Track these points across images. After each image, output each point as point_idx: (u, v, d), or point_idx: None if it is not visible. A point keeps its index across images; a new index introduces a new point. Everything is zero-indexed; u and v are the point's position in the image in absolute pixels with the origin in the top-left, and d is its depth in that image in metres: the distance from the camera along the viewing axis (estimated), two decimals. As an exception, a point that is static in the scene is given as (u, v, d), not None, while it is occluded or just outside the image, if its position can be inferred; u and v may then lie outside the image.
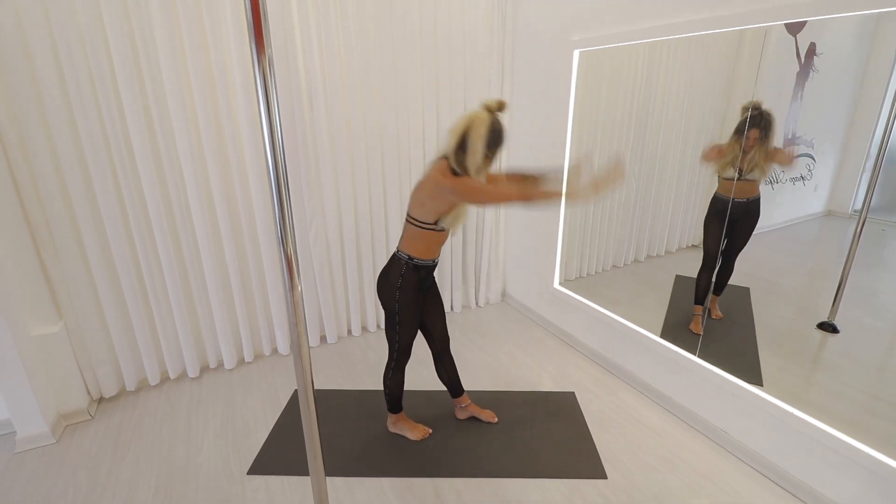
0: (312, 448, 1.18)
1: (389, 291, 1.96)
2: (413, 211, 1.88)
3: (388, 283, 1.96)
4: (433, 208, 1.82)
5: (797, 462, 1.93)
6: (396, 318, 1.99)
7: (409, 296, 1.96)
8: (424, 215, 1.84)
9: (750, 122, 1.94)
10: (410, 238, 1.91)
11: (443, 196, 1.79)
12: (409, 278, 1.93)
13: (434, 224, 1.85)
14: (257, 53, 0.85)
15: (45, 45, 2.02)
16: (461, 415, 2.36)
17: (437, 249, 1.95)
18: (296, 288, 1.02)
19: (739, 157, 2.01)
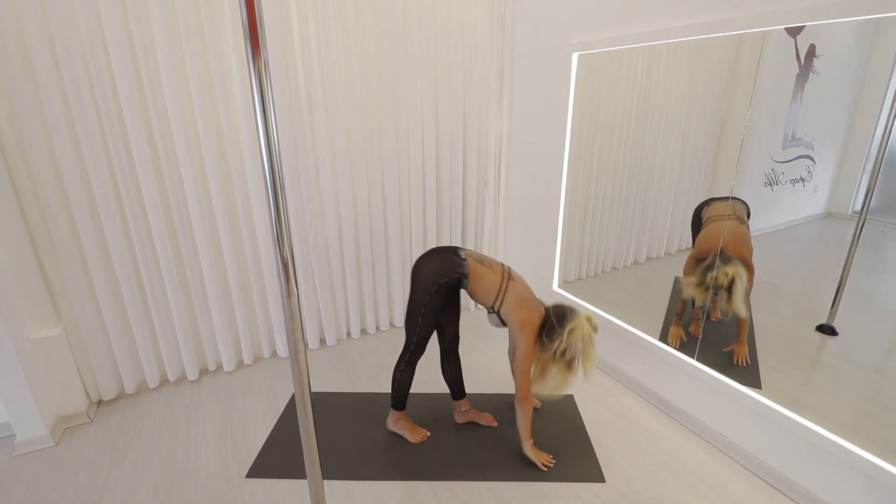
0: (310, 453, 1.18)
1: (425, 286, 1.98)
2: (509, 297, 2.00)
3: (427, 280, 1.98)
4: (512, 319, 1.98)
5: (795, 466, 1.93)
6: (421, 312, 2.02)
7: (440, 298, 2.01)
8: (506, 311, 2.00)
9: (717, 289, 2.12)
10: (486, 279, 2.01)
11: (513, 328, 2.00)
12: (449, 286, 1.99)
13: (492, 308, 2.03)
14: (253, 57, 0.85)
15: (44, 49, 2.03)
16: (460, 419, 2.36)
17: (482, 297, 2.05)
18: (292, 293, 1.01)
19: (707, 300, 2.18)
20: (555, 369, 1.99)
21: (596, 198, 2.81)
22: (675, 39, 2.14)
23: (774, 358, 2.03)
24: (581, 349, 1.92)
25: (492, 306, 2.02)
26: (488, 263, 2.05)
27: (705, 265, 2.14)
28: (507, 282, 2.02)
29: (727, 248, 2.08)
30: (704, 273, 2.14)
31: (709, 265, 2.13)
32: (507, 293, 2.00)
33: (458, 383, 2.30)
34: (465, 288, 2.03)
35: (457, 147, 3.18)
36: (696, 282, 2.22)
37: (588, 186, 2.82)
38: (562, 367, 1.98)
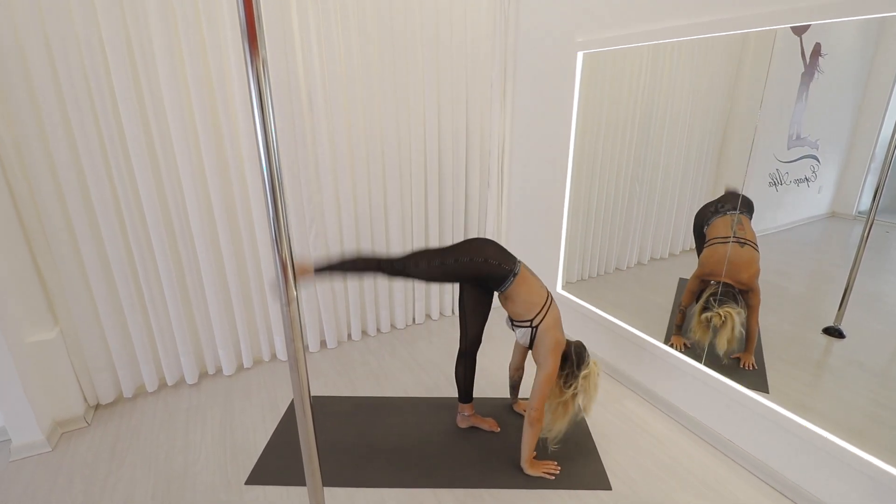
0: (310, 462, 1.15)
1: (464, 258, 1.97)
2: (551, 315, 2.00)
3: (482, 252, 1.98)
4: (548, 337, 1.96)
5: (803, 472, 1.90)
6: (468, 305, 2.10)
7: (465, 298, 2.10)
8: (544, 329, 1.98)
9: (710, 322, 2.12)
10: (533, 289, 2.01)
11: (545, 347, 1.96)
12: (489, 272, 1.98)
13: (531, 322, 2.00)
14: (251, 56, 0.82)
15: (41, 51, 2.00)
16: (462, 423, 2.33)
17: (521, 312, 2.03)
18: (292, 301, 0.98)
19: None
20: (569, 416, 2.01)
21: (599, 198, 2.79)
22: (679, 38, 2.12)
23: (781, 361, 2.01)
24: (586, 391, 1.96)
25: (531, 319, 1.99)
26: (536, 277, 2.07)
27: (707, 295, 2.16)
28: (551, 299, 2.02)
29: (730, 275, 2.08)
30: (702, 310, 2.17)
31: (708, 297, 2.14)
32: (551, 310, 1.99)
33: (469, 386, 2.26)
34: (504, 290, 1.99)
35: (459, 147, 3.15)
36: (693, 289, 2.26)
37: (591, 186, 2.79)
38: (571, 410, 2.01)
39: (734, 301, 2.06)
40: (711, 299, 2.12)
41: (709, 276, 2.17)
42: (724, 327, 2.06)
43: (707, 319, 2.12)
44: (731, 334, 2.05)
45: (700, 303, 2.18)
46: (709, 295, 2.14)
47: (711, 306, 2.11)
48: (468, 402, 2.30)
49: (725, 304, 2.07)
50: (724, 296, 2.08)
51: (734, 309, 2.04)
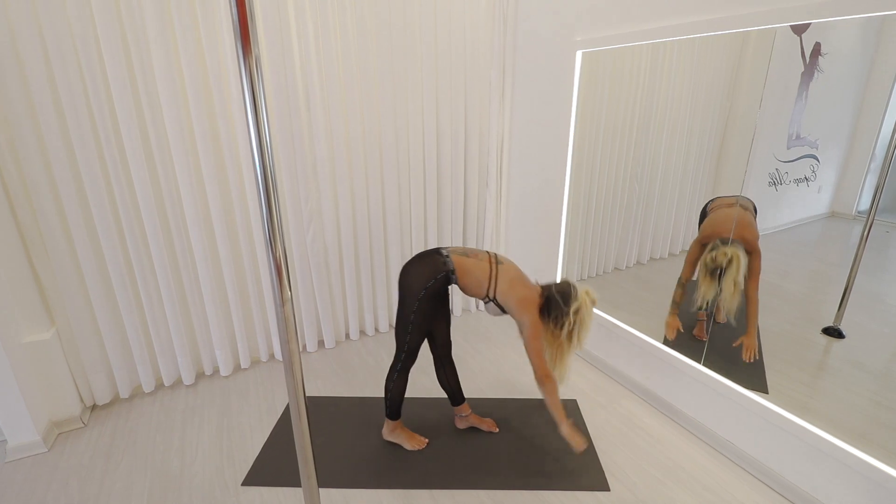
0: (305, 465, 1.14)
1: (414, 293, 1.94)
2: (502, 280, 1.95)
3: (415, 285, 1.93)
4: (510, 300, 1.93)
5: (802, 473, 1.89)
6: (410, 319, 1.96)
7: (429, 303, 1.95)
8: (502, 295, 1.95)
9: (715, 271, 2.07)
10: (473, 270, 1.95)
11: (513, 310, 1.94)
12: (437, 288, 1.94)
13: (487, 297, 1.97)
14: (244, 54, 0.81)
15: (36, 51, 1.99)
16: (461, 424, 2.32)
17: (473, 291, 2.01)
18: (286, 301, 0.97)
19: (715, 294, 2.11)
20: (569, 354, 1.97)
21: (598, 197, 2.78)
22: (679, 37, 2.11)
23: (780, 361, 2.00)
24: (582, 324, 1.91)
25: (486, 295, 1.97)
26: (473, 255, 2.00)
27: (710, 246, 2.11)
28: (495, 266, 1.97)
29: (732, 232, 2.04)
30: (706, 252, 2.11)
31: (713, 247, 2.10)
32: (499, 277, 1.95)
33: (456, 388, 2.26)
34: (455, 283, 1.98)
35: (458, 146, 3.14)
36: (693, 258, 2.21)
37: (591, 186, 2.78)
38: (569, 349, 1.96)
39: (738, 249, 2.03)
40: (718, 242, 2.07)
41: (709, 238, 2.13)
42: (729, 267, 2.00)
43: (713, 259, 2.06)
44: (736, 275, 1.99)
45: (705, 254, 2.13)
46: (712, 246, 2.10)
47: (717, 247, 2.06)
48: (462, 403, 2.29)
49: (729, 246, 2.03)
50: (724, 244, 2.05)
51: (739, 250, 2.00)
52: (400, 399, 2.14)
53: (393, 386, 2.10)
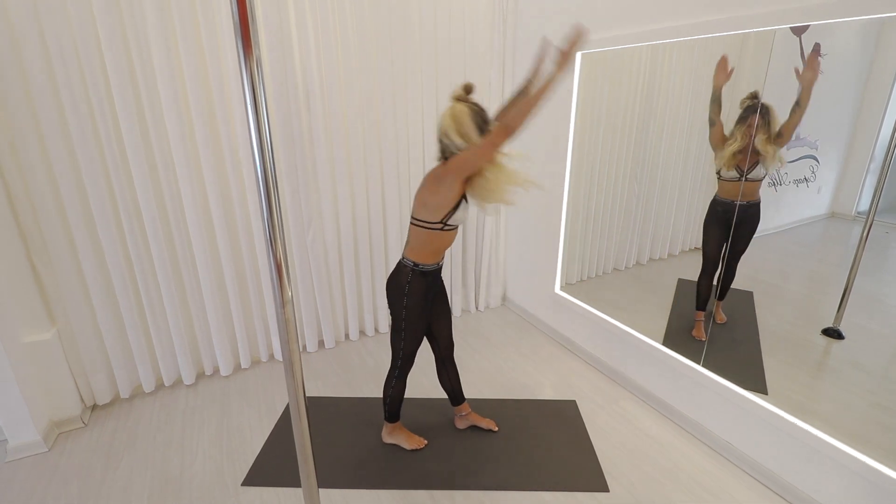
0: (305, 464, 1.14)
1: (397, 299, 1.93)
2: (417, 213, 1.84)
3: (396, 291, 1.92)
4: (437, 205, 1.78)
5: (802, 475, 1.89)
6: (402, 325, 1.95)
7: (416, 303, 1.93)
8: (429, 215, 1.81)
9: (750, 110, 1.92)
10: (416, 242, 1.88)
11: (445, 187, 1.76)
12: (417, 285, 1.91)
13: (441, 223, 1.81)
14: (245, 54, 0.81)
15: (36, 49, 1.99)
16: (461, 424, 2.32)
17: (442, 252, 1.93)
18: (287, 302, 0.97)
19: (746, 147, 1.96)
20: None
21: (598, 198, 2.78)
22: (679, 39, 2.11)
23: (780, 362, 2.00)
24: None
25: (442, 220, 1.81)
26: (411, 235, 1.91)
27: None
28: (419, 196, 1.84)
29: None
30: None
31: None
32: (425, 190, 1.81)
33: (457, 389, 2.26)
34: (432, 267, 1.90)
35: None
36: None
37: (590, 186, 2.78)
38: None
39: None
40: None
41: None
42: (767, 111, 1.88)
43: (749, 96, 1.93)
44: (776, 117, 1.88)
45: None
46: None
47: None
48: (462, 403, 2.29)
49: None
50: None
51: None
52: (399, 403, 2.14)
53: (392, 391, 2.10)
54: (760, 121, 1.90)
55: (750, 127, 1.93)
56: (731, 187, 2.05)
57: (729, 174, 2.05)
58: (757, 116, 1.90)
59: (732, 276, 2.13)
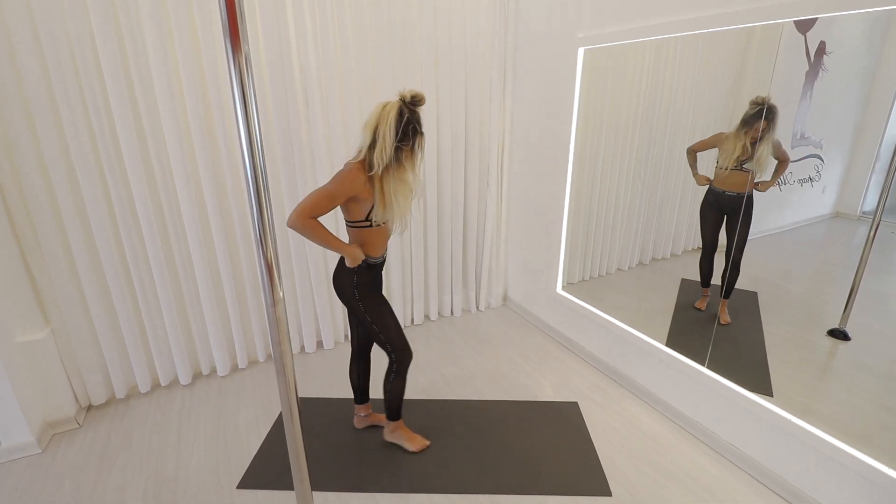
0: (298, 467, 1.11)
1: (351, 303, 1.91)
2: (343, 214, 1.86)
3: (347, 293, 1.90)
4: (351, 206, 1.79)
5: (807, 478, 1.85)
6: (369, 319, 1.92)
7: (370, 299, 1.92)
8: (349, 214, 1.82)
9: (758, 115, 1.90)
10: (352, 240, 1.88)
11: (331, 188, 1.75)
12: (365, 279, 1.89)
13: (367, 220, 1.80)
14: (233, 51, 0.79)
15: (30, 45, 1.96)
16: (359, 424, 2.29)
17: (383, 244, 1.92)
18: (278, 301, 0.94)
19: (745, 147, 1.97)
20: (410, 166, 1.79)
21: (601, 197, 2.75)
22: (683, 33, 2.07)
23: (785, 364, 1.97)
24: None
25: (367, 217, 1.80)
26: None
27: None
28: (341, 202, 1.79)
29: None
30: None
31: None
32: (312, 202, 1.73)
33: (364, 388, 2.24)
34: (375, 259, 1.89)
35: (458, 146, 3.11)
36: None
37: (593, 185, 2.75)
38: (407, 159, 1.77)
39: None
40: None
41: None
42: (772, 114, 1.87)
43: (754, 101, 1.91)
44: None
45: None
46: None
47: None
48: (365, 403, 2.28)
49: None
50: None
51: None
52: (399, 400, 2.11)
53: (391, 388, 2.06)
54: (765, 126, 1.89)
55: (755, 131, 1.92)
56: (725, 175, 2.11)
57: (726, 164, 2.09)
58: (762, 122, 1.89)
59: (737, 273, 2.11)
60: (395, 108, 1.69)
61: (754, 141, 1.93)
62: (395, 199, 1.76)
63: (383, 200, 1.76)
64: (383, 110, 1.70)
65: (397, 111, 1.69)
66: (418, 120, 1.75)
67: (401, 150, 1.73)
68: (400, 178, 1.76)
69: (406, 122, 1.70)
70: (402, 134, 1.70)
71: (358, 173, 1.72)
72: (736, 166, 2.02)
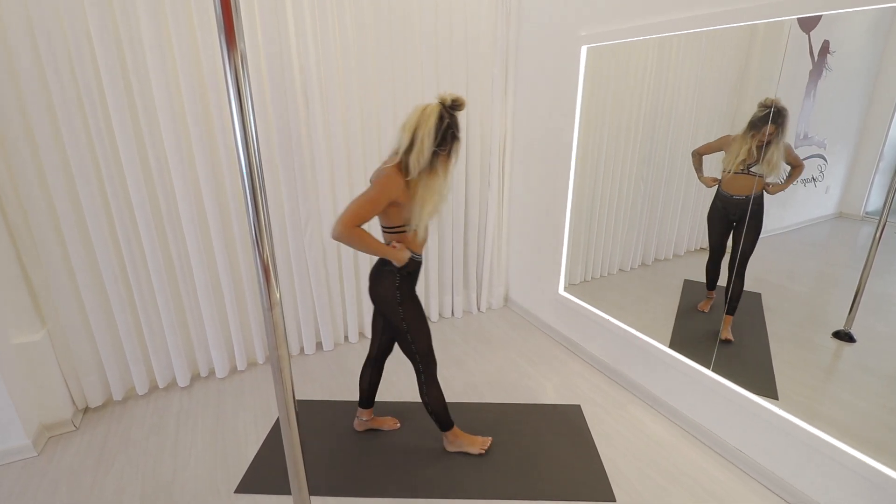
0: (296, 473, 1.09)
1: (391, 307, 1.86)
2: (379, 219, 1.83)
3: (388, 299, 1.85)
4: (390, 211, 1.75)
5: (816, 484, 1.82)
6: (403, 327, 1.88)
7: (411, 304, 1.88)
8: (387, 219, 1.78)
9: (766, 118, 1.86)
10: (391, 220, 1.82)
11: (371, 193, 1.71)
12: (405, 287, 1.85)
13: (404, 226, 1.78)
14: (228, 49, 0.77)
15: (25, 41, 1.94)
16: (359, 427, 2.27)
17: (419, 245, 1.87)
18: (275, 305, 0.92)
19: (751, 150, 1.93)
20: (443, 172, 1.76)
21: (603, 197, 2.73)
22: (688, 30, 2.04)
23: (790, 366, 1.95)
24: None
25: (402, 225, 1.78)
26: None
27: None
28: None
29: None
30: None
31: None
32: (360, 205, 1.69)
33: (372, 394, 2.21)
34: (414, 263, 1.86)
35: (458, 145, 3.09)
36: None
37: (595, 185, 2.73)
38: (442, 164, 1.74)
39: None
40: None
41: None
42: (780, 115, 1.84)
43: (763, 104, 1.87)
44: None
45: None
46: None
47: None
48: (369, 408, 2.25)
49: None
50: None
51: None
52: (443, 408, 2.05)
53: (430, 399, 2.01)
54: (774, 130, 1.86)
55: (763, 134, 1.89)
56: (732, 180, 2.06)
57: (734, 167, 2.05)
58: (770, 125, 1.86)
59: (741, 285, 2.07)
60: (435, 112, 1.65)
61: (761, 145, 1.90)
62: (422, 205, 1.73)
63: (415, 206, 1.74)
64: (423, 113, 1.66)
65: (438, 115, 1.65)
66: (457, 125, 1.71)
67: (437, 156, 1.69)
68: (429, 184, 1.72)
69: (446, 126, 1.67)
70: (440, 138, 1.67)
71: (396, 177, 1.68)
72: (742, 170, 1.98)
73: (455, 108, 1.68)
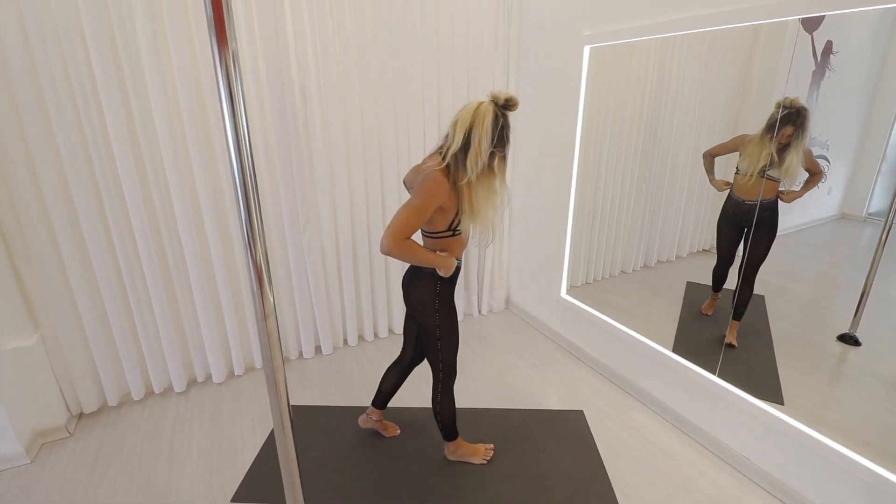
0: (291, 485, 1.05)
1: (428, 312, 1.80)
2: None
3: (425, 304, 1.80)
4: (435, 216, 1.68)
5: (822, 491, 1.79)
6: (437, 334, 1.83)
7: (448, 310, 1.83)
8: (431, 225, 1.72)
9: (785, 119, 1.81)
10: (437, 248, 1.77)
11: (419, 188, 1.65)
12: (445, 292, 1.80)
13: (448, 231, 1.72)
14: (219, 48, 0.73)
15: (17, 41, 1.90)
16: (365, 423, 2.25)
17: (461, 249, 1.81)
18: (269, 315, 0.88)
19: (770, 154, 1.88)
20: (500, 173, 1.70)
21: (605, 198, 2.70)
22: (692, 30, 2.02)
23: (795, 370, 1.93)
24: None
25: (449, 227, 1.71)
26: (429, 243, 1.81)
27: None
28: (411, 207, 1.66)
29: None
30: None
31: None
32: (416, 199, 1.63)
33: (390, 396, 2.18)
34: (456, 268, 1.79)
35: (458, 147, 3.06)
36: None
37: (597, 186, 2.70)
38: (500, 165, 1.69)
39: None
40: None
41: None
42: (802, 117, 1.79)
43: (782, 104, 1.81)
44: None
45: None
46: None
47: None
48: (381, 410, 2.23)
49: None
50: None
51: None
52: (452, 419, 2.01)
53: (441, 409, 1.97)
54: (793, 132, 1.81)
55: (782, 136, 1.84)
56: (746, 183, 2.00)
57: (747, 170, 1.99)
58: (790, 127, 1.81)
59: (751, 291, 2.04)
60: (490, 111, 1.57)
61: (780, 147, 1.85)
62: (483, 208, 1.67)
63: (471, 210, 1.65)
64: (477, 112, 1.57)
65: (493, 115, 1.57)
66: (509, 125, 1.65)
67: (493, 156, 1.63)
68: (488, 185, 1.66)
69: (500, 127, 1.60)
70: (495, 138, 1.59)
71: (443, 181, 1.60)
72: (759, 174, 1.93)
73: (508, 108, 1.62)
